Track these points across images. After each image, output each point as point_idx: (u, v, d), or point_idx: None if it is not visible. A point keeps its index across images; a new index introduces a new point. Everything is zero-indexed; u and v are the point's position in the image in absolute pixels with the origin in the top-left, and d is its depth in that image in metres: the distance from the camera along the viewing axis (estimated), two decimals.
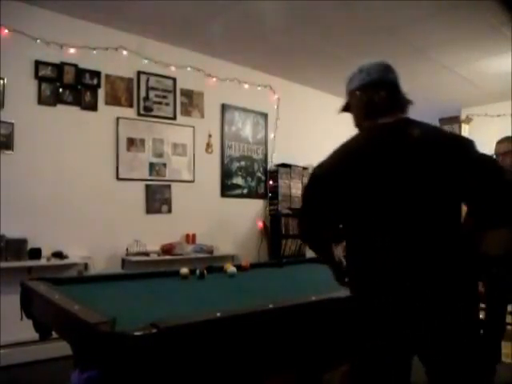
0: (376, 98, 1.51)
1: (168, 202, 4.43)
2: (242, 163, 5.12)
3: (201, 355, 1.34)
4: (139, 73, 4.28)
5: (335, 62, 4.75)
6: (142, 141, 4.28)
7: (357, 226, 1.42)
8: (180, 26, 4.05)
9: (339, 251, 1.57)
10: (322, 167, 1.50)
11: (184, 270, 2.62)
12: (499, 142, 3.31)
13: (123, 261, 4.00)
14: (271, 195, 5.22)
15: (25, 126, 3.60)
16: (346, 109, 1.64)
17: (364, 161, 1.40)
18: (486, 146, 3.43)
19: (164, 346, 1.26)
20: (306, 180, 4.92)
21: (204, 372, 1.35)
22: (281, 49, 4.55)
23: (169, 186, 4.46)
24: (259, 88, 5.17)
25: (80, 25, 3.89)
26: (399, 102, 1.52)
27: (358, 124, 1.59)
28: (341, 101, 1.68)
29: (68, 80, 3.85)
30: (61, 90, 3.81)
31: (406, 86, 1.55)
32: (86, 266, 3.68)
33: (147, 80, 4.33)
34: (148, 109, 4.34)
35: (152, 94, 4.37)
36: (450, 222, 1.36)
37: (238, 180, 5.07)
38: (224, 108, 4.95)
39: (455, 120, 4.95)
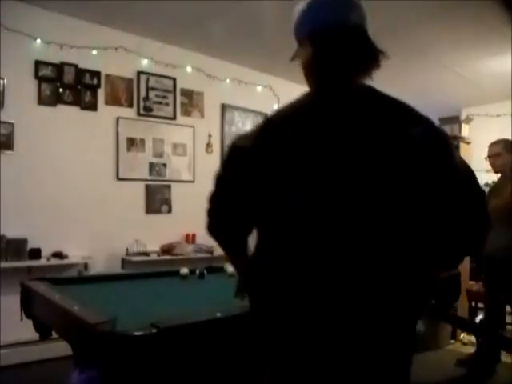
0: (329, 53, 1.07)
1: (168, 202, 4.43)
2: None
3: (201, 355, 1.34)
4: (139, 73, 4.28)
5: None
6: (142, 141, 4.28)
7: (282, 223, 1.04)
8: (180, 25, 4.05)
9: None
10: (245, 138, 1.13)
11: (184, 270, 2.62)
12: (491, 145, 3.37)
13: (123, 261, 3.99)
14: None
15: (25, 126, 3.60)
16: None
17: (305, 141, 1.03)
18: (487, 146, 3.45)
19: (164, 346, 1.26)
20: None
21: (204, 372, 1.35)
22: (281, 49, 4.52)
23: (169, 186, 4.45)
24: (259, 88, 5.17)
25: (80, 25, 3.89)
26: (364, 58, 1.09)
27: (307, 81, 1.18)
28: None
29: (68, 80, 3.84)
30: (61, 90, 3.81)
31: (407, 86, 1.52)
32: (85, 265, 3.68)
33: (147, 80, 4.33)
34: (148, 109, 4.34)
35: (152, 94, 4.37)
36: (406, 238, 1.02)
37: None
38: (224, 108, 4.94)
39: (455, 120, 4.93)
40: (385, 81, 1.43)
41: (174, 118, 4.52)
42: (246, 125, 5.13)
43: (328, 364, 1.00)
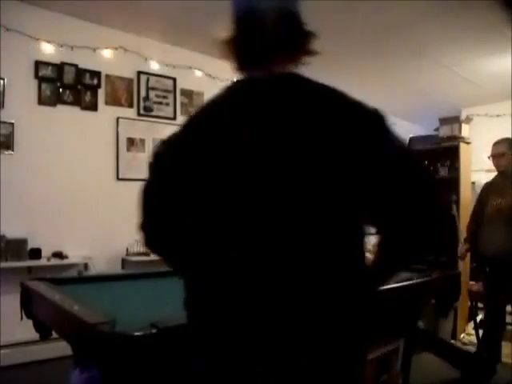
0: (246, 38, 1.00)
1: None
2: None
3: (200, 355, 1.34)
4: (139, 73, 4.28)
5: (335, 62, 4.74)
6: (142, 141, 4.28)
7: (196, 230, 0.98)
8: (180, 25, 4.05)
9: None
10: (166, 143, 1.10)
11: None
12: (495, 144, 3.36)
13: (123, 261, 3.99)
14: None
15: (25, 126, 3.60)
16: None
17: (214, 137, 0.95)
18: (487, 146, 3.45)
19: (164, 346, 1.26)
20: None
21: (204, 372, 1.35)
22: None
23: None
24: None
25: (80, 25, 3.89)
26: (285, 43, 0.99)
27: None
28: None
29: (68, 80, 3.85)
30: (61, 90, 3.81)
31: (407, 87, 1.49)
32: (85, 265, 3.68)
33: (147, 80, 4.33)
34: (148, 109, 4.34)
35: (152, 94, 4.37)
36: (336, 245, 0.90)
37: None
38: None
39: (455, 120, 4.93)
40: (385, 81, 1.43)
41: (174, 118, 4.52)
42: None
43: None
